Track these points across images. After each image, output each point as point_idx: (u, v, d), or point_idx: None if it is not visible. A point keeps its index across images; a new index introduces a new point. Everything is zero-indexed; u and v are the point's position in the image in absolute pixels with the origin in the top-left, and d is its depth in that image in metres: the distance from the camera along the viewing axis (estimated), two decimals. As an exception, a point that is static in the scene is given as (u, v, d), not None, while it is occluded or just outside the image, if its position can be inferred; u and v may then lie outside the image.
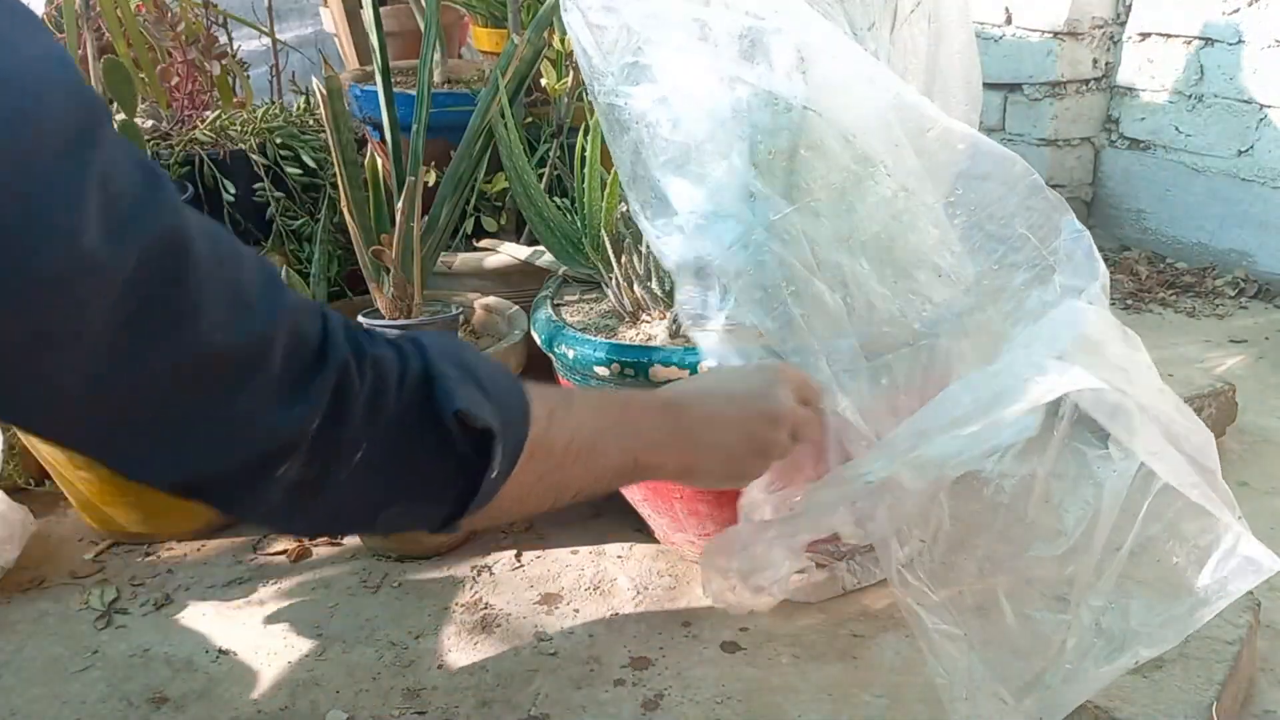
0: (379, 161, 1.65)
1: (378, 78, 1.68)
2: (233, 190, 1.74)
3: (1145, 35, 2.80)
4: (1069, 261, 1.09)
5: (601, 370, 1.45)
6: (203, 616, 1.58)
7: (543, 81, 1.82)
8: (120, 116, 1.71)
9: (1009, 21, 2.95)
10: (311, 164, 1.79)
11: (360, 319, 1.62)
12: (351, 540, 1.73)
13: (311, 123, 1.87)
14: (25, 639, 1.54)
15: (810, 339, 1.07)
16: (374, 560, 1.69)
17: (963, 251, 1.10)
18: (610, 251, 1.56)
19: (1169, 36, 2.75)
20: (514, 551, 1.69)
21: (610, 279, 1.57)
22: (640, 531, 1.71)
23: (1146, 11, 2.79)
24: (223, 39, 2.04)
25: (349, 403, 0.68)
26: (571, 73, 1.84)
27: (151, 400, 0.62)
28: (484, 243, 1.88)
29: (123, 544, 1.76)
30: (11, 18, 0.56)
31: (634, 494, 1.60)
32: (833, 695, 1.35)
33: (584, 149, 1.64)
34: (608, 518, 1.77)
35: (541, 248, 1.76)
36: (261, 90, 2.27)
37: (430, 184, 1.73)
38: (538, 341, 1.57)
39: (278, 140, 1.78)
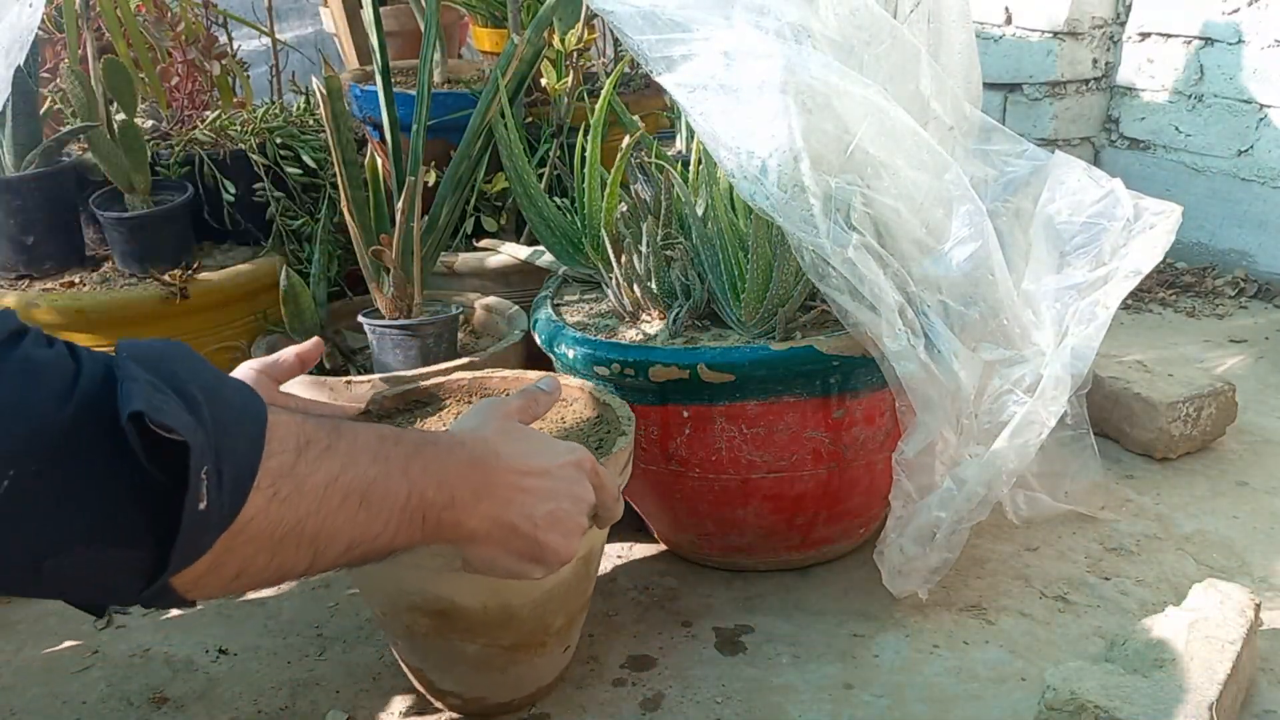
0: (379, 161, 1.65)
1: (378, 78, 1.68)
2: (233, 190, 1.74)
3: (1145, 35, 2.80)
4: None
5: (601, 370, 1.45)
6: (203, 616, 1.58)
7: (543, 81, 1.82)
8: (120, 116, 1.71)
9: (1009, 21, 2.95)
10: (311, 164, 1.79)
11: (360, 319, 1.63)
12: (351, 540, 1.73)
13: (311, 123, 1.87)
14: (25, 639, 1.54)
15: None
16: (374, 560, 1.69)
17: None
18: (610, 251, 1.56)
19: (1169, 36, 2.75)
20: (514, 551, 1.68)
21: (610, 279, 1.57)
22: (640, 531, 1.71)
23: (1146, 11, 2.79)
24: (223, 39, 2.04)
25: None
26: (571, 73, 1.84)
27: None
28: (484, 243, 1.88)
29: (123, 544, 1.76)
30: None
31: (634, 493, 1.60)
32: (833, 695, 1.35)
33: (584, 149, 1.64)
34: (608, 518, 1.77)
35: (541, 248, 1.76)
36: (261, 90, 2.27)
37: (430, 184, 1.73)
38: (538, 341, 1.57)
39: (278, 140, 1.78)
